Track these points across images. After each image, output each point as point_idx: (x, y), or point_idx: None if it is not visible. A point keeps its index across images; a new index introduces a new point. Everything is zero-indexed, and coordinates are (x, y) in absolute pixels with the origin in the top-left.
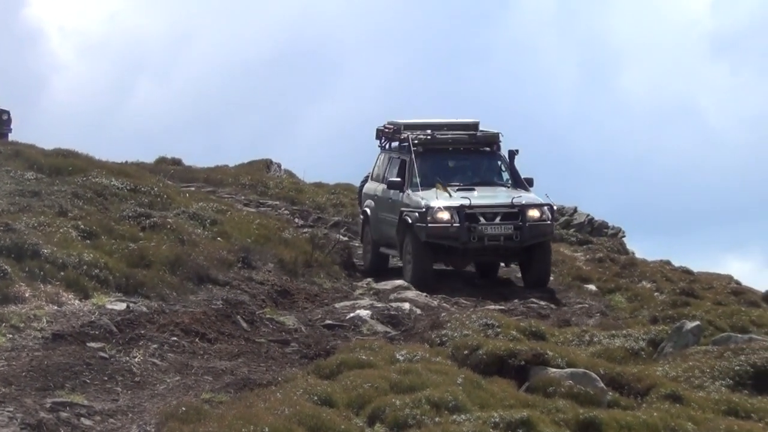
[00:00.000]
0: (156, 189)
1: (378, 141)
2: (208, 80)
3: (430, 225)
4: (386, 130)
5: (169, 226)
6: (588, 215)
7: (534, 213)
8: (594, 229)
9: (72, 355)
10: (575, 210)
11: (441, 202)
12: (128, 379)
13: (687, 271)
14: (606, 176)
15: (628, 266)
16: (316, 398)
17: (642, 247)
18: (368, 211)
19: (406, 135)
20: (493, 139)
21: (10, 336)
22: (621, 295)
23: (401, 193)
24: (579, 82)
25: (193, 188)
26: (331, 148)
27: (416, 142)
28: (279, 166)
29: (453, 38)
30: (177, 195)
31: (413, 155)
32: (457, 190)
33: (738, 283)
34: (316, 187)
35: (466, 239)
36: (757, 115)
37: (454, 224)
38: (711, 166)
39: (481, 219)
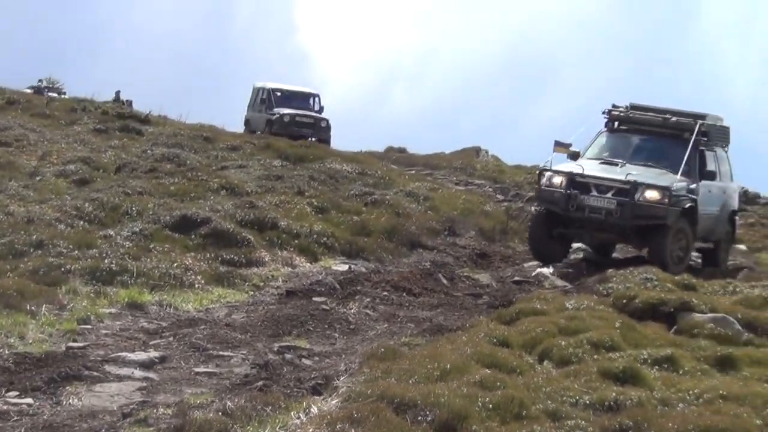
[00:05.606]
0: (380, 172)
1: None
2: (443, 85)
3: (543, 188)
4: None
5: (387, 202)
6: (742, 187)
7: (649, 193)
8: (748, 199)
9: (300, 308)
10: None
11: (562, 167)
12: (345, 327)
13: None
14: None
15: None
16: (495, 340)
17: None
18: None
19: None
20: (686, 127)
21: (252, 293)
22: (767, 254)
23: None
24: (757, 79)
25: (413, 171)
26: (530, 136)
27: (608, 115)
28: (486, 152)
29: (648, 46)
30: (398, 177)
31: (605, 128)
32: (601, 163)
33: None
34: (516, 169)
35: (565, 206)
36: None
37: (563, 190)
38: None
39: (593, 191)
